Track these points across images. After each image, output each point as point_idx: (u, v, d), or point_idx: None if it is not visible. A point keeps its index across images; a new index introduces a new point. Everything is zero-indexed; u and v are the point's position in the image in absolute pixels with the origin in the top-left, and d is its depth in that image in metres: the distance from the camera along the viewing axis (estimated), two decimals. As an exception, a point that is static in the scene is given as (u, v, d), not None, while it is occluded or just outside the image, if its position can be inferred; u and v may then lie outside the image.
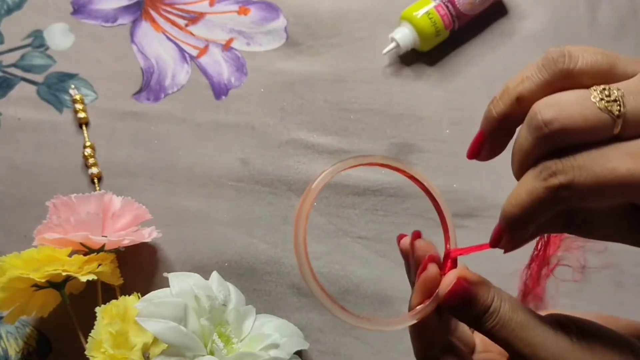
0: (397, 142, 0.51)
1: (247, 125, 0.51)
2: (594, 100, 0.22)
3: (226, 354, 0.37)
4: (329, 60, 0.54)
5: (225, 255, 0.47)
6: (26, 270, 0.37)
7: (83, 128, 0.51)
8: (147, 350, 0.36)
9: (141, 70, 0.54)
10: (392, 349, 0.44)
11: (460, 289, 0.26)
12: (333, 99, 0.52)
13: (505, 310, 0.25)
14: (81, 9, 0.57)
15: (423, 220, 0.48)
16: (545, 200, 0.22)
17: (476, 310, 0.25)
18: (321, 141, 0.51)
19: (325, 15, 0.56)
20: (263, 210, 0.48)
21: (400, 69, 0.54)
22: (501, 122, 0.25)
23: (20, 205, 0.48)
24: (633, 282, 0.45)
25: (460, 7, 0.52)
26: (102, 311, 0.37)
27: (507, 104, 0.24)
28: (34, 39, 0.55)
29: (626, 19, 0.55)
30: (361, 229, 0.48)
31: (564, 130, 0.21)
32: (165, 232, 0.46)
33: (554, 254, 0.43)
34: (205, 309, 0.38)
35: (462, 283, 0.26)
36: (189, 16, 0.56)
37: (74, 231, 0.40)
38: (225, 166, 0.50)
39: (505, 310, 0.25)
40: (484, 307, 0.25)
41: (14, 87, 0.53)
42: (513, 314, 0.25)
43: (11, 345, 0.44)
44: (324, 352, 0.44)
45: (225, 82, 0.53)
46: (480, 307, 0.25)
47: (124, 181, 0.49)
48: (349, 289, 0.46)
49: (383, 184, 0.49)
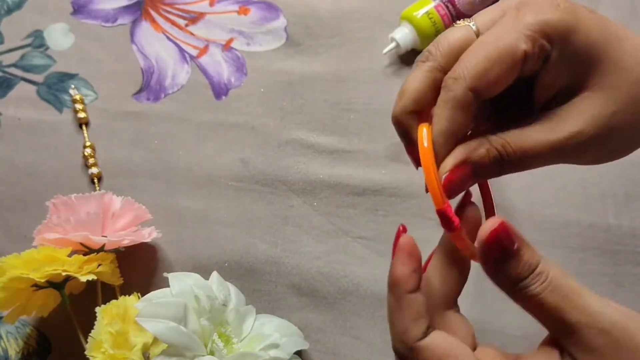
0: (397, 142, 0.50)
1: (247, 125, 0.51)
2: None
3: (226, 354, 0.37)
4: (329, 60, 0.54)
5: (225, 255, 0.47)
6: (26, 270, 0.37)
7: (83, 128, 0.51)
8: (147, 350, 0.36)
9: (141, 70, 0.54)
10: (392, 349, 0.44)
11: (503, 235, 0.23)
12: (333, 99, 0.52)
13: (555, 273, 0.23)
14: (81, 9, 0.57)
15: (423, 220, 0.48)
16: (451, 100, 0.26)
17: (520, 267, 0.22)
18: (321, 141, 0.51)
19: (325, 15, 0.56)
20: (263, 210, 0.48)
21: (400, 69, 0.54)
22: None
23: (20, 205, 0.48)
24: (633, 282, 0.45)
25: (460, 7, 0.52)
26: (102, 311, 0.37)
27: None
28: (34, 39, 0.55)
29: (626, 18, 0.55)
30: (361, 229, 0.48)
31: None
32: (165, 232, 0.46)
33: None
34: (205, 309, 0.38)
35: (506, 228, 0.23)
36: (189, 16, 0.56)
37: (74, 231, 0.40)
38: (225, 166, 0.50)
39: (556, 274, 0.23)
40: (531, 265, 0.23)
41: (14, 87, 0.53)
42: (564, 279, 0.23)
43: (11, 345, 0.44)
44: (324, 352, 0.44)
45: (225, 82, 0.53)
46: (526, 265, 0.23)
47: (124, 181, 0.49)
48: (349, 289, 0.46)
49: (383, 184, 0.49)
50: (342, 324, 0.45)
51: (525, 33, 0.25)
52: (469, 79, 0.25)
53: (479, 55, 0.25)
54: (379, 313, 0.45)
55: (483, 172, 0.26)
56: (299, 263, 0.46)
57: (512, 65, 0.25)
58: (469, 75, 0.25)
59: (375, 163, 0.50)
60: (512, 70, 0.25)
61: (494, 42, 0.25)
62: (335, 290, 0.46)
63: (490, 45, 0.25)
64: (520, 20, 0.25)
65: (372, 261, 0.46)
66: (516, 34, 0.25)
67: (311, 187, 0.49)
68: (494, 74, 0.25)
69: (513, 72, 0.25)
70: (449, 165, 0.26)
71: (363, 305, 0.45)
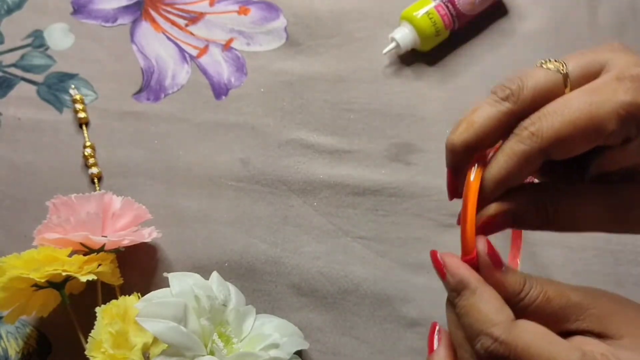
0: (397, 142, 0.51)
1: (247, 125, 0.51)
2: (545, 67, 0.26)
3: (226, 354, 0.37)
4: (329, 60, 0.54)
5: (225, 255, 0.47)
6: (26, 270, 0.37)
7: (83, 128, 0.51)
8: (147, 350, 0.36)
9: (141, 70, 0.54)
10: (392, 349, 0.44)
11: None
12: (333, 99, 0.52)
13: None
14: (81, 9, 0.57)
15: (423, 220, 0.48)
16: (520, 154, 0.24)
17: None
18: (321, 141, 0.51)
19: (325, 15, 0.56)
20: (263, 210, 0.48)
21: (400, 69, 0.54)
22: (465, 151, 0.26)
23: (20, 205, 0.48)
24: (633, 282, 0.45)
25: (460, 7, 0.52)
26: (102, 311, 0.37)
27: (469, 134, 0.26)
28: (34, 39, 0.55)
29: (626, 19, 0.55)
30: (361, 229, 0.48)
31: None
32: (165, 232, 0.46)
33: None
34: (205, 309, 0.38)
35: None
36: (189, 16, 0.56)
37: (74, 231, 0.40)
38: (225, 166, 0.50)
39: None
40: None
41: (14, 87, 0.53)
42: None
43: (11, 345, 0.44)
44: (324, 352, 0.44)
45: (225, 82, 0.53)
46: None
47: (124, 181, 0.49)
48: (349, 289, 0.46)
49: (383, 184, 0.49)
50: (342, 324, 0.45)
51: (619, 112, 0.23)
52: (546, 141, 0.24)
53: (564, 119, 0.24)
54: (379, 313, 0.45)
55: (524, 226, 0.26)
56: (299, 263, 0.46)
57: (594, 139, 0.24)
58: (548, 137, 0.24)
59: (375, 163, 0.50)
60: (592, 143, 0.24)
61: (584, 110, 0.24)
62: (335, 290, 0.46)
63: (579, 113, 0.24)
64: (618, 95, 0.24)
65: (372, 261, 0.46)
66: (610, 110, 0.23)
67: (311, 187, 0.49)
68: (573, 143, 0.24)
69: (592, 144, 0.24)
70: (492, 210, 0.26)
71: (363, 305, 0.45)
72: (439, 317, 0.45)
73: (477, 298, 0.25)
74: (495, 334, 0.23)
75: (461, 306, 0.25)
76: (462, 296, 0.25)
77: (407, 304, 0.45)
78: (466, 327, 0.25)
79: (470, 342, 0.25)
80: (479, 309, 0.24)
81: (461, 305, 0.25)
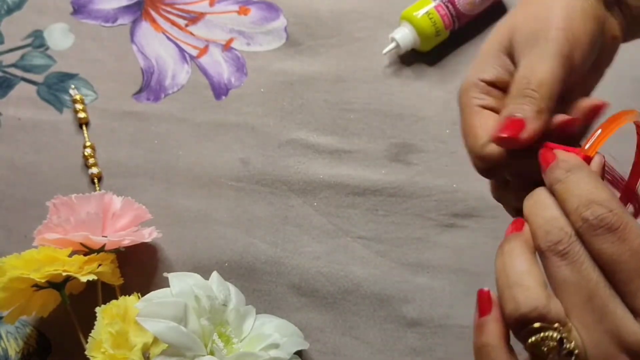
0: (397, 142, 0.51)
1: (247, 125, 0.51)
2: None
3: (226, 354, 0.37)
4: (329, 60, 0.54)
5: (225, 255, 0.47)
6: (26, 271, 0.37)
7: (83, 128, 0.51)
8: (147, 350, 0.36)
9: (141, 70, 0.54)
10: (392, 349, 0.44)
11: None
12: (333, 99, 0.52)
13: None
14: (81, 9, 0.57)
15: (423, 220, 0.48)
16: None
17: None
18: (321, 141, 0.51)
19: (325, 15, 0.56)
20: (263, 210, 0.48)
21: (400, 69, 0.54)
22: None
23: (20, 205, 0.48)
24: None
25: (460, 7, 0.52)
26: (102, 311, 0.37)
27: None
28: (34, 39, 0.55)
29: (626, 19, 0.55)
30: (361, 229, 0.48)
31: None
32: (165, 232, 0.46)
33: None
34: (205, 309, 0.38)
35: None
36: (189, 16, 0.56)
37: (74, 231, 0.40)
38: (225, 166, 0.50)
39: None
40: None
41: (14, 87, 0.53)
42: None
43: (11, 345, 0.44)
44: (324, 352, 0.44)
45: (225, 82, 0.53)
46: None
47: (124, 181, 0.49)
48: (349, 289, 0.46)
49: (383, 184, 0.49)
50: (342, 324, 0.45)
51: None
52: None
53: None
54: (379, 313, 0.45)
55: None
56: (299, 263, 0.46)
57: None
58: None
59: (375, 163, 0.50)
60: None
61: None
62: (335, 290, 0.46)
63: None
64: None
65: (372, 261, 0.46)
66: None
67: (311, 187, 0.49)
68: None
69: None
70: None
71: (363, 305, 0.45)
72: (439, 317, 0.45)
73: (592, 174, 0.25)
74: (611, 206, 0.23)
75: (571, 180, 0.25)
76: (572, 171, 0.25)
77: (407, 304, 0.45)
78: (574, 198, 0.24)
79: (574, 213, 0.24)
80: (595, 182, 0.24)
81: (571, 179, 0.25)
